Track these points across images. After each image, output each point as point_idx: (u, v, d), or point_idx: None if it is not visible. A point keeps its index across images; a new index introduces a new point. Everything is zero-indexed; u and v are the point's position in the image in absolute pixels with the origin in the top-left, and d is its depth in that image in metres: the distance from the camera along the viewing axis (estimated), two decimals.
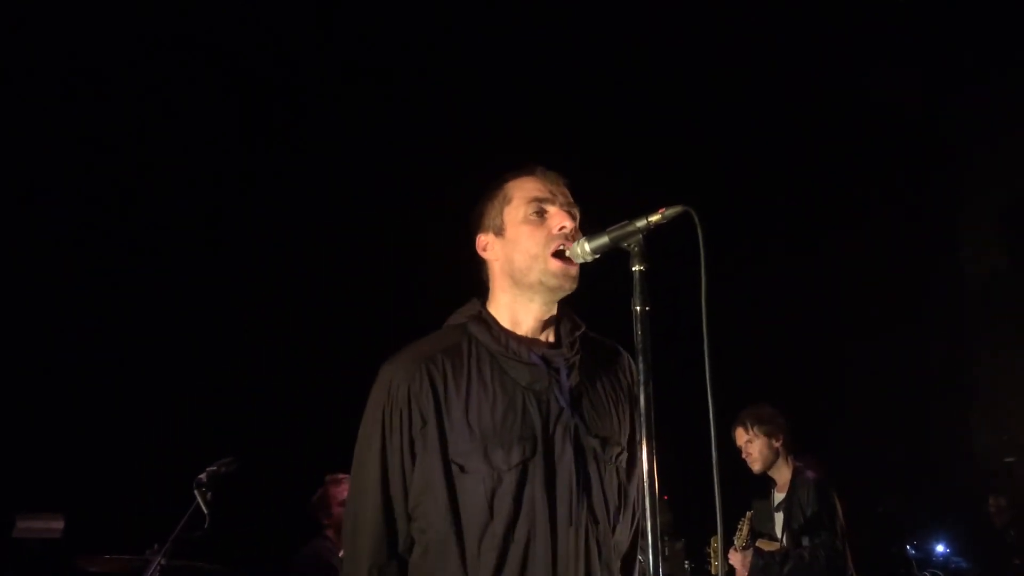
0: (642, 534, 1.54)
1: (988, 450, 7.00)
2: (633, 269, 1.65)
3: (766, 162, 6.82)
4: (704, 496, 1.67)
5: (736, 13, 5.89)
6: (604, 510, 1.78)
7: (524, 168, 1.94)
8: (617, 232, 1.69)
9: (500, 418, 1.74)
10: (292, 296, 6.01)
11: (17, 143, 5.16)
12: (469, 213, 1.97)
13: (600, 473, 1.79)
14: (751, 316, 6.47)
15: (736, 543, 4.40)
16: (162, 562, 3.32)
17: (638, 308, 1.62)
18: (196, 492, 3.38)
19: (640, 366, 1.60)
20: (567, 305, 1.92)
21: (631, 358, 1.92)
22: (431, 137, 5.93)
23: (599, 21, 5.98)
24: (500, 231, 1.89)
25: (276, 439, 5.41)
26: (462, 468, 1.71)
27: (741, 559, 4.32)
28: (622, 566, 1.86)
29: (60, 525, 4.46)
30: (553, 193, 1.88)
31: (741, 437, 4.49)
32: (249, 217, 5.89)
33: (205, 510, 3.36)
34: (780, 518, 4.39)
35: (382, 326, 4.45)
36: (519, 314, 1.87)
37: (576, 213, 1.89)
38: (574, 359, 1.85)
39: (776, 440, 4.44)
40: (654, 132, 6.35)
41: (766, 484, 4.54)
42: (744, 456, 4.49)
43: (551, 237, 1.83)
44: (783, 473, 4.44)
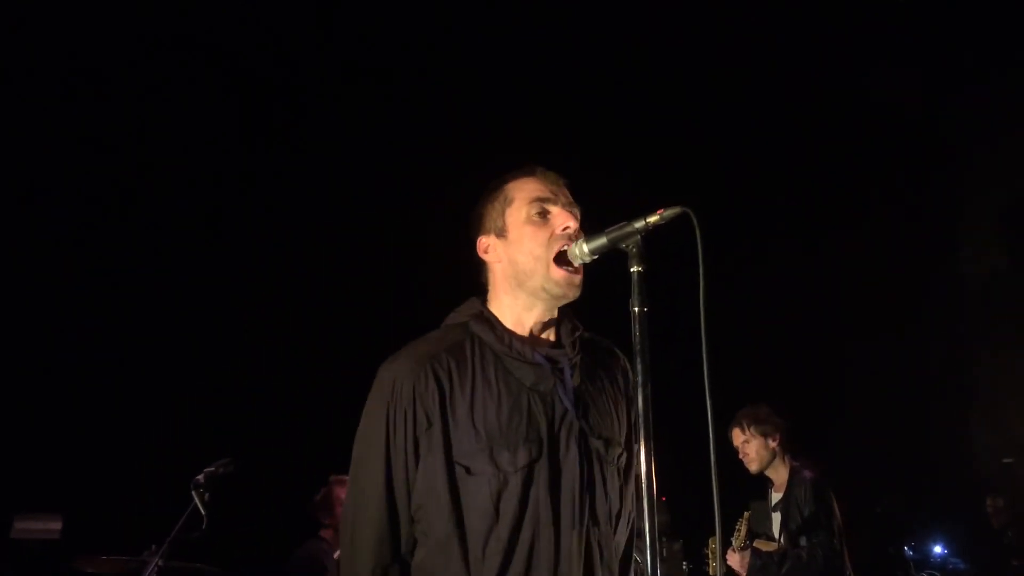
0: (640, 535, 1.53)
1: (986, 451, 7.00)
2: (631, 270, 1.64)
3: (765, 162, 6.83)
4: (702, 497, 1.67)
5: (735, 13, 5.89)
6: (606, 511, 1.78)
7: (524, 169, 1.92)
8: (615, 233, 1.68)
9: (506, 419, 1.72)
10: (290, 297, 6.01)
11: (17, 143, 5.16)
12: (468, 215, 1.95)
13: (603, 474, 1.78)
14: (750, 317, 6.48)
15: (734, 543, 4.41)
16: (160, 563, 3.31)
17: (636, 309, 1.62)
18: (194, 493, 3.37)
19: (638, 367, 1.59)
20: (566, 306, 1.91)
21: (628, 359, 1.92)
22: (431, 137, 5.93)
23: (599, 21, 5.98)
24: (502, 232, 1.87)
25: (274, 440, 5.41)
26: (468, 470, 1.69)
27: (739, 560, 4.32)
28: (619, 567, 1.85)
29: (58, 526, 4.47)
30: (555, 193, 1.87)
31: (738, 437, 4.49)
32: (247, 217, 5.89)
33: (203, 511, 3.36)
34: (777, 518, 4.39)
35: (381, 326, 4.44)
36: (522, 315, 1.86)
37: (577, 213, 1.87)
38: (576, 359, 1.84)
39: (773, 440, 4.44)
40: (653, 132, 6.35)
41: (763, 485, 4.54)
42: (741, 456, 4.49)
43: (555, 237, 1.82)
44: (780, 473, 4.44)
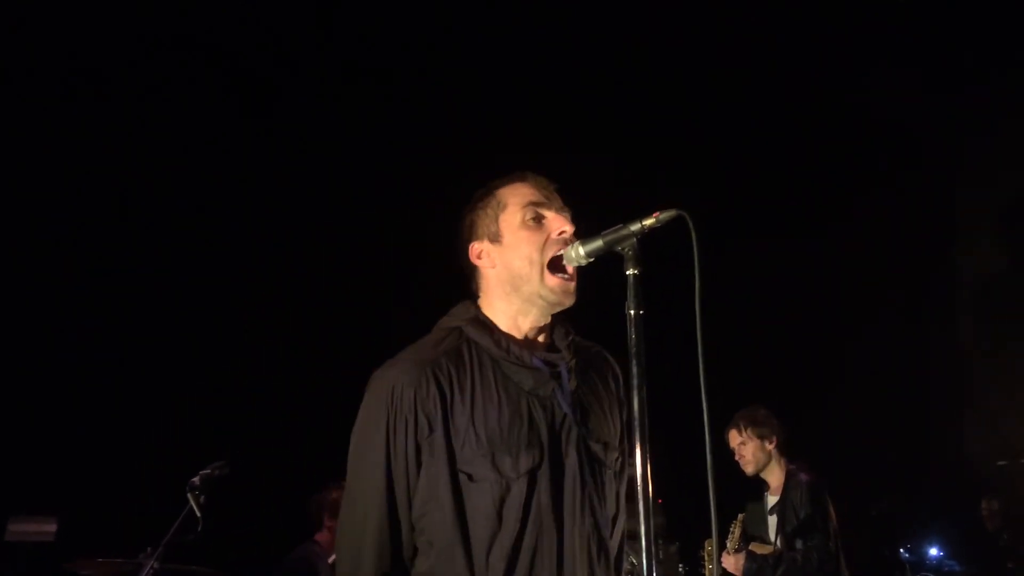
0: (636, 537, 1.54)
1: (982, 454, 7.00)
2: (627, 273, 1.64)
3: (763, 163, 6.83)
4: (698, 499, 1.67)
5: (734, 13, 5.89)
6: (605, 515, 1.79)
7: (514, 175, 1.92)
8: (611, 236, 1.68)
9: (507, 424, 1.72)
10: (287, 298, 6.00)
11: (17, 143, 5.15)
12: (458, 222, 1.94)
13: (602, 478, 1.79)
14: (746, 319, 6.48)
15: (728, 546, 4.41)
16: (155, 565, 3.31)
17: (632, 312, 1.61)
18: (189, 495, 3.38)
19: (634, 370, 1.59)
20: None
21: (624, 362, 1.92)
22: (430, 137, 5.92)
23: (597, 22, 5.98)
24: (496, 238, 1.87)
25: (269, 443, 5.39)
26: (470, 477, 1.69)
27: (734, 562, 4.33)
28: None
29: (53, 528, 4.45)
30: (548, 198, 1.88)
31: (735, 439, 4.50)
32: (244, 219, 5.88)
33: (198, 513, 3.36)
34: (773, 521, 4.40)
35: (377, 329, 4.44)
36: (517, 319, 1.86)
37: (569, 218, 1.88)
38: (572, 363, 1.85)
39: (769, 443, 4.45)
40: (652, 133, 6.34)
41: (760, 487, 4.55)
42: (737, 458, 4.50)
43: (550, 241, 1.82)
44: (776, 476, 4.45)
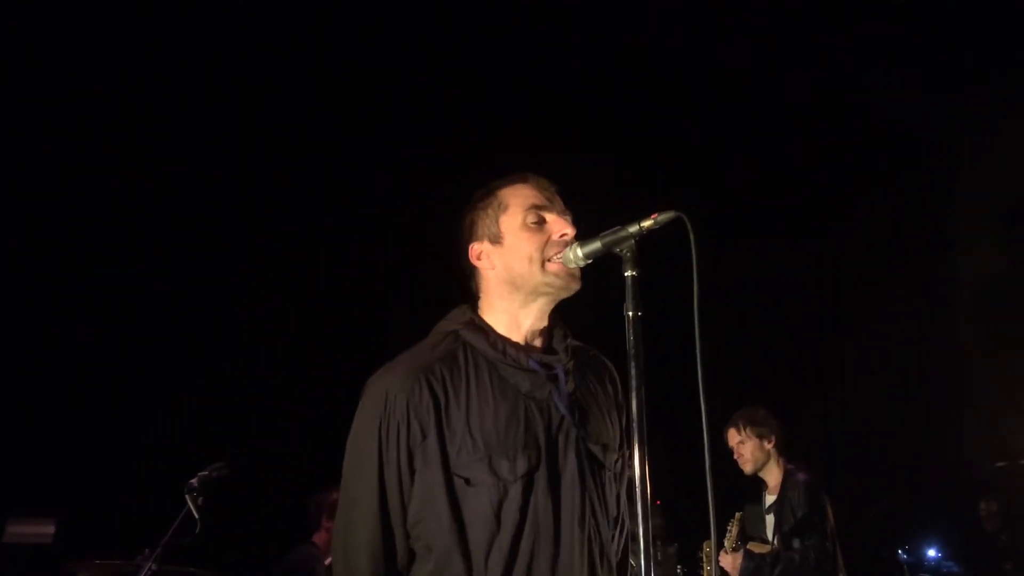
0: (635, 538, 1.54)
1: (980, 455, 7.00)
2: (625, 274, 1.64)
3: (762, 163, 6.82)
4: (697, 500, 1.67)
5: (733, 13, 5.89)
6: (606, 518, 1.78)
7: (515, 176, 1.92)
8: (610, 237, 1.68)
9: (503, 427, 1.71)
10: (286, 300, 5.99)
11: (17, 143, 5.14)
12: (458, 222, 1.94)
13: (602, 480, 1.79)
14: (745, 318, 6.48)
15: (726, 545, 4.42)
16: (153, 567, 3.32)
17: (631, 313, 1.61)
18: (187, 497, 3.38)
19: (632, 371, 1.59)
20: (556, 313, 1.91)
21: (622, 363, 1.92)
22: (430, 138, 5.92)
23: (598, 22, 5.98)
24: (497, 239, 1.86)
25: (268, 444, 5.39)
26: (467, 481, 1.68)
27: (731, 561, 4.33)
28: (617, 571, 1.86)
29: (51, 530, 4.45)
30: (550, 200, 1.88)
31: (733, 438, 4.51)
32: (244, 219, 5.87)
33: (196, 515, 3.36)
34: (771, 521, 4.40)
35: (376, 332, 4.43)
36: (519, 318, 1.85)
37: (571, 220, 1.87)
38: (569, 365, 1.85)
39: (768, 442, 4.46)
40: (651, 133, 6.33)
41: (758, 487, 4.56)
42: (736, 457, 4.51)
43: (551, 243, 1.82)
44: (774, 475, 4.46)
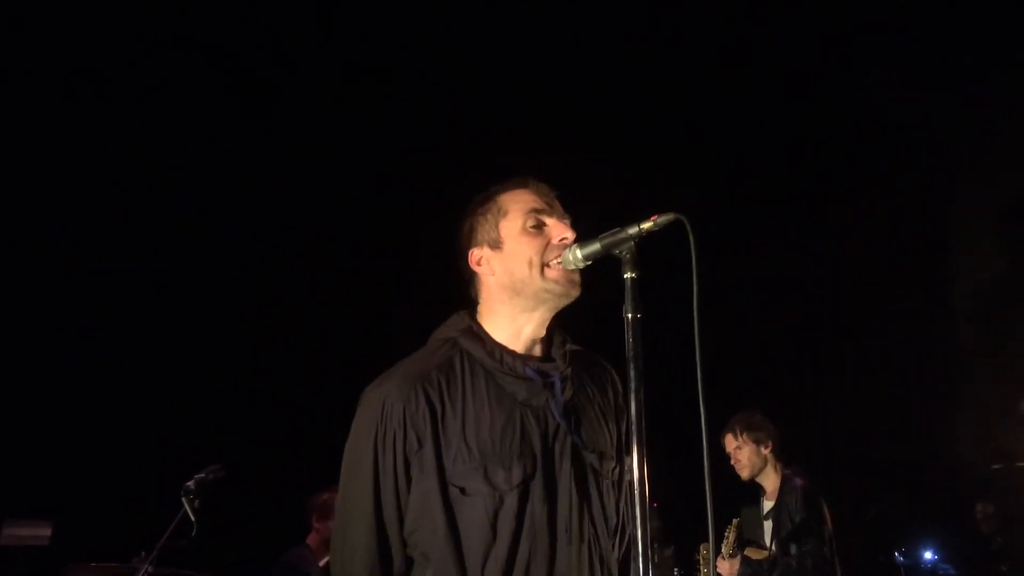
0: (632, 541, 1.54)
1: (976, 457, 7.01)
2: (625, 276, 1.64)
3: (762, 163, 6.83)
4: (694, 503, 1.67)
5: (733, 13, 5.90)
6: (604, 526, 1.77)
7: (515, 180, 1.91)
8: (609, 239, 1.68)
9: (499, 436, 1.71)
10: (285, 301, 5.98)
11: (17, 143, 5.13)
12: (457, 227, 1.93)
13: (599, 488, 1.78)
14: (744, 320, 6.48)
15: (724, 551, 4.41)
16: (149, 570, 3.31)
17: (630, 315, 1.61)
18: (184, 499, 3.37)
19: (631, 373, 1.59)
20: (556, 318, 1.90)
21: (622, 366, 1.91)
22: (430, 138, 5.92)
23: (598, 22, 5.99)
24: (497, 244, 1.85)
25: (264, 447, 5.38)
26: (463, 491, 1.68)
27: (728, 567, 4.32)
28: None
29: (47, 532, 4.44)
30: (549, 204, 1.87)
31: (730, 443, 4.50)
32: (243, 220, 5.87)
33: (192, 518, 3.35)
34: (769, 526, 4.40)
35: (374, 332, 4.44)
36: (520, 324, 1.84)
37: (570, 224, 1.87)
38: (567, 373, 1.84)
39: (765, 447, 4.45)
40: (651, 134, 6.34)
41: (756, 492, 4.55)
42: (733, 462, 4.50)
43: (551, 247, 1.81)
44: (772, 480, 4.45)
